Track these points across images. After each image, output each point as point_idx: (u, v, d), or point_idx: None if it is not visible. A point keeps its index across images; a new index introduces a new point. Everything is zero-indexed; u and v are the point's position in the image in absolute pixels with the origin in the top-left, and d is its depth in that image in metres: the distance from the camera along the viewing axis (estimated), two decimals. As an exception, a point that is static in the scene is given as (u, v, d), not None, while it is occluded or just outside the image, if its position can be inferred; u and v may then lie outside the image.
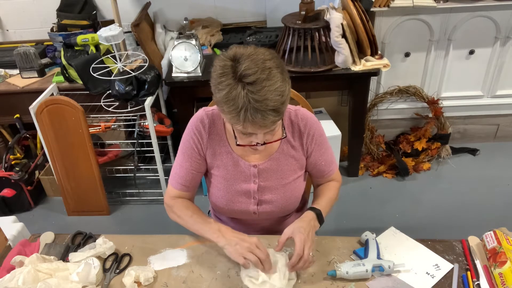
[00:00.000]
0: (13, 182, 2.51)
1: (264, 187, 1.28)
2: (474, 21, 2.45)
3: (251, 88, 0.97)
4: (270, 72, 0.99)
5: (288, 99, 1.06)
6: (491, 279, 1.10)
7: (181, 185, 1.29)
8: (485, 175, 2.64)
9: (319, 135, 1.28)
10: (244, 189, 1.28)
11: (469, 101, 2.75)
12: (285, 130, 1.22)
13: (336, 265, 1.16)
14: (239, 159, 1.25)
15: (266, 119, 1.00)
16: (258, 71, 0.98)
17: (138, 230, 2.42)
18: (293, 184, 1.30)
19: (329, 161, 1.33)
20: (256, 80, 0.98)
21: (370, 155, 2.78)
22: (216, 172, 1.28)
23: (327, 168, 1.33)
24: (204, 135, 1.25)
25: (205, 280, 1.16)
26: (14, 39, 2.94)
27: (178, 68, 2.27)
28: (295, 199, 1.33)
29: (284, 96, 1.02)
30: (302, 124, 1.26)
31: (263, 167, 1.26)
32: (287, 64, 2.27)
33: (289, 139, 1.26)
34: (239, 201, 1.29)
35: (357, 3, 2.19)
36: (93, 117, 2.37)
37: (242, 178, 1.27)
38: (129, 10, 2.72)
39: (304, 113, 1.28)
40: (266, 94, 0.98)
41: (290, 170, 1.28)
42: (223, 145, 1.25)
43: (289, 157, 1.27)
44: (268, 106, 0.98)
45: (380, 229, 1.29)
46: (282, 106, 1.02)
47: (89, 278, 1.13)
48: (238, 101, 0.98)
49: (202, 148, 1.26)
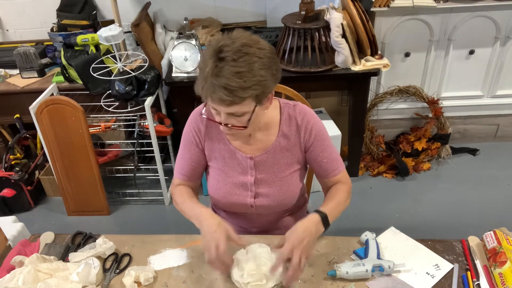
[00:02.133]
0: (13, 182, 2.51)
1: (261, 179, 1.29)
2: (474, 21, 2.45)
3: (219, 63, 1.02)
4: (244, 56, 1.02)
5: (253, 89, 1.04)
6: (491, 279, 1.10)
7: (182, 175, 1.34)
8: (485, 175, 2.64)
9: (318, 130, 1.27)
10: (241, 181, 1.29)
11: (469, 101, 2.75)
12: (282, 118, 1.25)
13: (336, 265, 1.16)
14: (236, 151, 1.27)
15: (215, 93, 1.03)
16: (233, 51, 1.02)
17: (138, 230, 2.42)
18: (289, 178, 1.30)
19: (332, 159, 1.30)
20: (226, 57, 1.02)
21: (370, 155, 2.78)
22: (214, 164, 1.31)
23: (330, 166, 1.30)
24: (202, 128, 1.29)
25: (205, 280, 1.16)
26: (14, 39, 2.94)
27: (178, 68, 2.27)
28: (291, 193, 1.32)
29: (246, 82, 1.02)
30: (300, 118, 1.26)
31: (259, 159, 1.27)
32: (287, 64, 2.27)
33: (286, 132, 1.27)
34: (236, 193, 1.30)
35: (357, 3, 2.19)
36: (93, 117, 2.37)
37: (239, 170, 1.29)
38: (129, 10, 2.72)
39: (302, 107, 1.28)
40: (226, 72, 1.01)
41: (286, 164, 1.29)
42: (220, 138, 1.28)
43: (285, 151, 1.28)
44: (221, 83, 1.01)
45: (380, 229, 1.29)
46: (239, 91, 1.02)
47: (89, 278, 1.13)
48: (205, 71, 1.04)
49: (201, 141, 1.30)
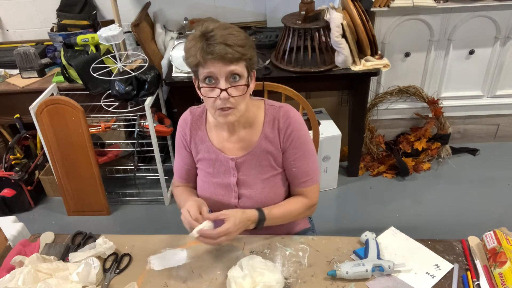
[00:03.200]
0: (13, 182, 2.51)
1: (243, 181, 1.30)
2: (474, 21, 2.45)
3: (210, 34, 1.10)
4: (232, 28, 1.13)
5: (247, 51, 1.13)
6: (491, 279, 1.10)
7: (180, 178, 1.42)
8: (485, 175, 2.64)
9: (297, 136, 1.26)
10: (224, 182, 1.31)
11: (469, 101, 2.75)
12: (266, 120, 1.28)
13: (336, 265, 1.16)
14: (219, 152, 1.30)
15: (216, 49, 1.08)
16: (220, 27, 1.11)
17: (138, 230, 2.42)
18: (272, 180, 1.31)
19: (304, 170, 1.29)
20: (215, 30, 1.10)
21: (370, 155, 2.78)
22: (200, 165, 1.35)
23: (299, 176, 1.29)
24: (187, 131, 1.34)
25: (205, 280, 1.16)
26: (14, 39, 2.94)
27: (178, 68, 2.27)
28: (274, 195, 1.32)
29: (241, 41, 1.11)
30: (283, 121, 1.26)
31: (241, 160, 1.29)
32: (287, 64, 2.27)
33: (268, 134, 1.27)
34: (221, 193, 1.33)
35: (357, 3, 2.19)
36: (93, 117, 2.37)
37: (222, 171, 1.31)
38: (129, 10, 2.72)
39: (287, 110, 1.28)
40: (222, 36, 1.09)
41: (268, 166, 1.29)
42: (204, 140, 1.32)
43: (267, 153, 1.28)
44: (222, 41, 1.08)
45: (380, 229, 1.29)
46: (238, 48, 1.10)
47: (89, 278, 1.13)
48: (197, 44, 1.10)
49: (188, 144, 1.35)
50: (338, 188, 2.63)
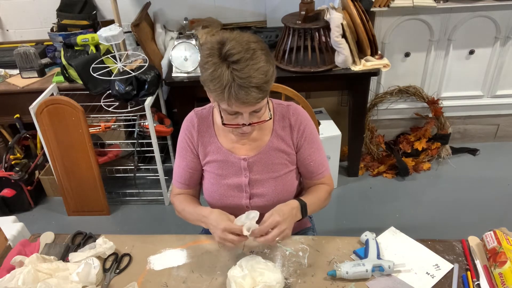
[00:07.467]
0: (13, 182, 2.51)
1: (255, 180, 1.29)
2: (474, 21, 2.45)
3: (235, 66, 1.04)
4: (254, 52, 1.06)
5: (272, 80, 1.11)
6: (491, 279, 1.10)
7: (181, 183, 1.36)
8: (485, 175, 2.64)
9: (310, 132, 1.29)
10: (235, 183, 1.30)
11: (469, 101, 2.75)
12: (275, 119, 1.27)
13: (336, 265, 1.16)
14: (229, 153, 1.28)
15: (249, 95, 1.05)
16: (242, 51, 1.04)
17: (138, 230, 2.42)
18: (284, 178, 1.31)
19: (319, 162, 1.32)
20: (240, 59, 1.04)
21: (370, 155, 2.78)
22: (208, 168, 1.33)
23: (316, 169, 1.32)
24: (194, 133, 1.30)
25: (205, 280, 1.16)
26: (14, 39, 2.94)
27: (178, 68, 2.27)
28: (287, 193, 1.32)
29: (267, 76, 1.07)
30: (293, 119, 1.28)
31: (252, 160, 1.28)
32: (287, 64, 2.27)
33: (279, 133, 1.28)
34: (231, 195, 1.31)
35: (357, 3, 2.19)
36: (93, 117, 2.37)
37: (233, 172, 1.30)
38: (129, 10, 2.72)
39: (296, 108, 1.30)
40: (249, 72, 1.04)
41: (280, 164, 1.29)
42: (213, 141, 1.30)
43: (279, 151, 1.29)
44: (251, 83, 1.04)
45: (380, 229, 1.29)
46: (265, 85, 1.07)
47: (89, 278, 1.13)
48: (222, 79, 1.04)
49: (194, 147, 1.32)
50: (338, 188, 2.63)
